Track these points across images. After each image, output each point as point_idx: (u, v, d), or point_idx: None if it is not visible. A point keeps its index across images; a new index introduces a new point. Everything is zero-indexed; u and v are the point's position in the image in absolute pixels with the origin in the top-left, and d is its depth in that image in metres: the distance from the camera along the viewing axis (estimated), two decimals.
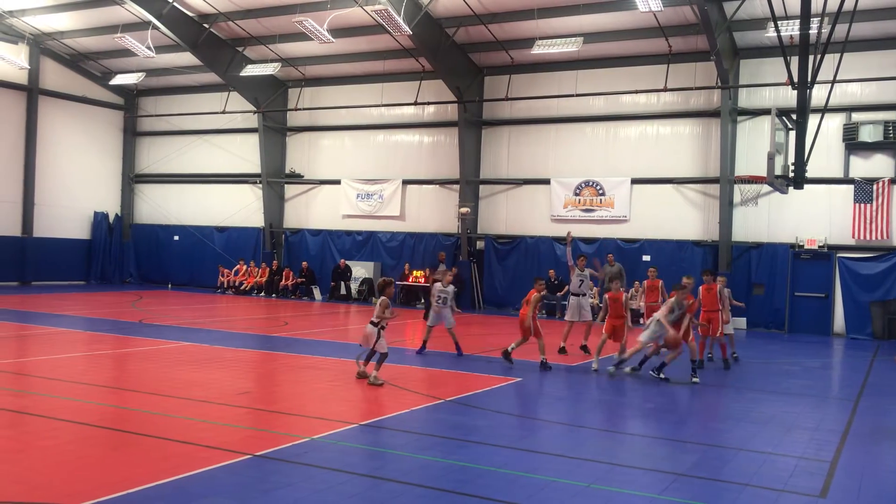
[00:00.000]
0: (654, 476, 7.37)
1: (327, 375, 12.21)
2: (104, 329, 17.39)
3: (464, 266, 26.72)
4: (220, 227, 32.13)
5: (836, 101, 20.61)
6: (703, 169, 23.89)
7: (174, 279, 32.59)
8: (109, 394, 10.36)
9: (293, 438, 8.01)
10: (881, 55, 21.51)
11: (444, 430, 8.79)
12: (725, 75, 22.31)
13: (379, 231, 28.95)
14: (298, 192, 31.15)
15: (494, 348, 16.29)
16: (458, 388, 11.62)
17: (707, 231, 23.81)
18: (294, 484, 6.55)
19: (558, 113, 25.95)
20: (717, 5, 20.95)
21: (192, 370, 12.12)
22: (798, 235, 22.57)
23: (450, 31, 24.68)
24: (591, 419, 9.89)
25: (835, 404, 11.74)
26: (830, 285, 22.31)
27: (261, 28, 26.72)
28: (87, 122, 32.54)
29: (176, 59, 29.28)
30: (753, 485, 7.09)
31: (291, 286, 29.31)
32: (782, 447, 8.64)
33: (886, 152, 21.74)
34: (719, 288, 14.75)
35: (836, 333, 22.17)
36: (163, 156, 33.55)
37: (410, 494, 6.44)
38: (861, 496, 6.97)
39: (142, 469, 6.77)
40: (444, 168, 27.69)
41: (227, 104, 30.12)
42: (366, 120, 29.40)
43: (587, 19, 22.80)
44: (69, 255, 31.77)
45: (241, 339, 16.73)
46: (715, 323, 14.49)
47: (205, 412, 9.16)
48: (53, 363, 12.37)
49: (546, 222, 26.15)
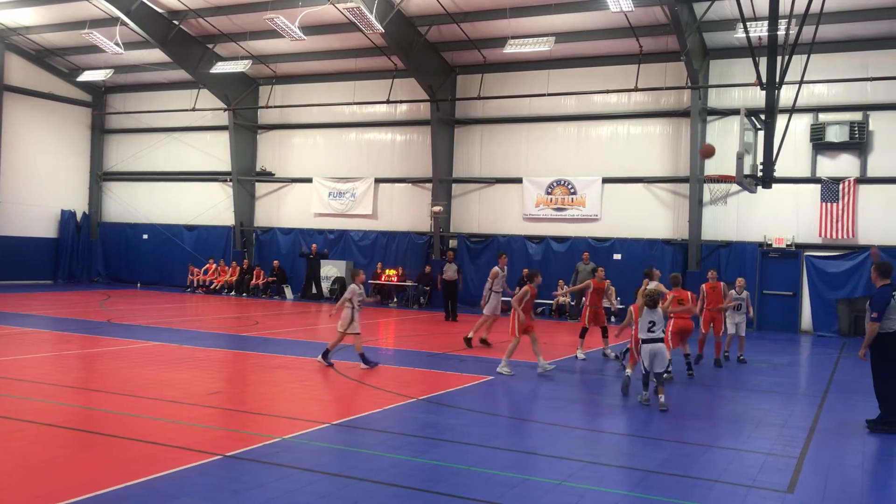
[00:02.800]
0: (625, 473, 7.43)
1: (299, 375, 12.15)
2: (71, 329, 17.15)
3: (437, 265, 26.71)
4: (190, 226, 31.83)
5: (803, 101, 20.89)
6: (673, 168, 24.11)
7: (143, 278, 32.23)
8: (77, 394, 10.23)
9: (264, 438, 7.95)
10: (847, 57, 21.85)
11: (416, 428, 8.79)
12: (695, 75, 22.53)
13: (351, 230, 28.86)
14: (269, 191, 30.95)
15: (467, 347, 16.31)
16: (430, 386, 11.62)
17: (677, 230, 24.03)
18: (265, 484, 6.50)
19: (530, 112, 26.04)
20: (687, 6, 21.15)
21: (162, 370, 12.00)
22: (766, 234, 22.86)
23: (422, 30, 24.66)
24: (562, 417, 9.94)
25: (802, 401, 11.90)
26: (798, 283, 22.62)
27: (231, 25, 26.50)
28: (54, 119, 32.06)
29: (145, 56, 28.93)
30: (723, 481, 7.17)
31: (262, 285, 29.12)
32: (751, 443, 8.74)
33: (852, 152, 22.08)
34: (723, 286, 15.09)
35: (804, 331, 22.49)
36: (131, 153, 33.15)
37: (383, 494, 6.42)
38: (827, 491, 7.08)
39: (111, 470, 6.69)
40: (417, 167, 27.67)
41: (197, 101, 29.83)
42: (338, 118, 29.29)
43: (559, 19, 22.90)
44: (36, 254, 31.28)
45: (212, 338, 16.58)
46: (718, 322, 14.80)
47: (174, 412, 9.07)
48: (19, 363, 12.17)
49: (518, 221, 26.23)
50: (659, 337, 10.38)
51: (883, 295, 9.58)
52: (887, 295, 9.57)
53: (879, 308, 9.48)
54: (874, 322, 9.47)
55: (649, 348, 10.33)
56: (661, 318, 10.50)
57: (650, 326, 10.34)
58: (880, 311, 9.47)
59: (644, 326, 10.41)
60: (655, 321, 10.37)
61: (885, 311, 9.47)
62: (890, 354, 9.53)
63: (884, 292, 9.62)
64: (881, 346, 9.56)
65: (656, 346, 10.31)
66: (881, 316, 9.46)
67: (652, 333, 10.33)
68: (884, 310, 9.47)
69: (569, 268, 23.64)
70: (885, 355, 9.58)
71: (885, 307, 9.48)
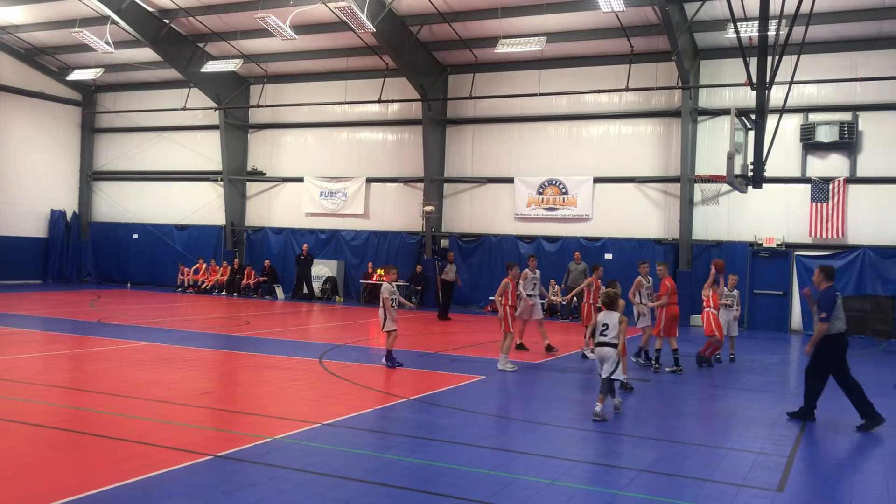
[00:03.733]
0: (616, 472, 7.44)
1: (290, 375, 12.13)
2: (61, 329, 17.08)
3: (428, 264, 26.74)
4: (181, 226, 31.74)
5: (793, 101, 21.03)
6: (664, 168, 24.17)
7: (133, 278, 32.12)
8: (67, 395, 10.18)
9: (255, 439, 7.94)
10: (836, 57, 21.96)
11: (407, 428, 8.78)
12: (686, 75, 22.60)
13: (342, 229, 28.83)
14: (260, 190, 30.89)
15: (458, 346, 16.34)
16: (421, 386, 11.62)
17: (668, 230, 24.09)
18: (257, 484, 6.49)
19: (522, 112, 26.07)
20: (678, 6, 21.21)
21: (152, 370, 11.96)
22: (756, 234, 22.94)
23: (413, 30, 24.65)
24: (553, 416, 9.95)
25: (792, 400, 11.93)
26: (788, 283, 22.71)
27: (222, 24, 26.43)
28: (44, 118, 31.91)
29: (135, 55, 28.83)
30: (713, 480, 7.20)
31: (253, 285, 29.06)
32: (741, 442, 8.78)
33: (842, 152, 22.18)
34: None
35: (794, 330, 22.58)
36: (122, 153, 33.04)
37: (374, 494, 6.42)
38: (817, 489, 7.11)
39: (101, 471, 6.67)
40: (409, 166, 27.66)
41: (188, 101, 29.75)
42: (329, 117, 29.25)
43: (550, 19, 22.93)
44: (25, 254, 31.14)
45: (203, 338, 16.54)
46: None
47: (165, 413, 9.04)
48: (9, 364, 12.11)
49: (510, 221, 26.26)
50: (610, 342, 9.84)
51: (830, 296, 9.81)
52: (833, 295, 9.81)
53: (828, 308, 9.72)
54: (823, 322, 9.72)
55: (600, 352, 9.95)
56: (616, 322, 9.92)
57: (603, 329, 9.92)
58: (829, 311, 9.70)
59: (598, 329, 10.01)
60: (609, 324, 9.91)
61: (832, 311, 9.71)
62: (832, 357, 9.83)
63: (830, 293, 9.85)
64: (825, 347, 9.84)
65: (606, 351, 9.84)
66: (829, 316, 9.69)
67: (604, 337, 9.88)
68: (832, 310, 9.71)
69: (560, 268, 23.72)
70: (826, 356, 9.87)
71: (833, 307, 9.72)
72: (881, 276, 21.51)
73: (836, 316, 9.73)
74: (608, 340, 9.83)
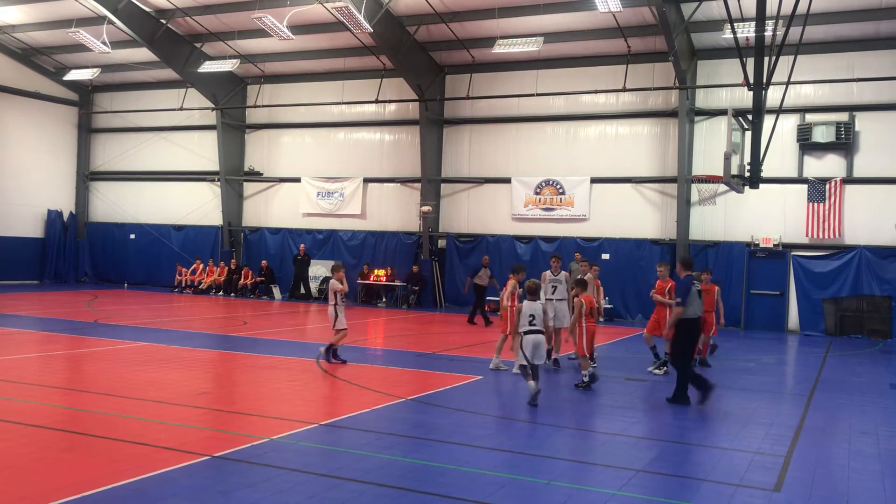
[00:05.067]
0: (614, 472, 7.44)
1: (287, 375, 12.12)
2: (58, 329, 17.05)
3: (425, 264, 26.74)
4: (178, 226, 31.70)
5: (790, 102, 21.04)
6: (661, 168, 24.19)
7: (130, 278, 32.08)
8: (64, 395, 10.17)
9: (253, 439, 7.93)
10: (833, 58, 21.99)
11: (405, 428, 8.78)
12: (683, 76, 22.62)
13: (340, 229, 28.81)
14: (258, 190, 30.86)
15: (456, 347, 16.33)
16: (419, 386, 11.62)
17: (665, 230, 24.11)
18: (254, 485, 6.48)
19: (519, 112, 26.08)
20: (674, 6, 21.23)
21: (149, 370, 11.94)
22: (753, 234, 22.97)
23: (411, 30, 24.65)
24: (551, 417, 9.95)
25: (789, 400, 11.97)
26: (785, 283, 22.74)
27: (219, 24, 26.41)
28: (41, 119, 31.87)
29: (132, 55, 28.80)
30: (711, 479, 7.20)
31: (250, 285, 29.04)
32: (738, 442, 8.78)
33: (838, 153, 22.22)
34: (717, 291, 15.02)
35: (791, 330, 22.61)
36: (119, 153, 33.00)
37: (371, 494, 6.41)
38: (814, 489, 7.12)
39: (98, 471, 6.66)
40: (406, 166, 27.65)
41: (185, 101, 29.73)
42: (326, 117, 29.23)
43: (547, 19, 22.94)
44: (22, 254, 31.08)
45: (200, 338, 16.52)
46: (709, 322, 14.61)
47: (162, 413, 9.03)
48: (6, 364, 12.09)
49: (507, 221, 26.26)
50: (540, 329, 10.47)
51: (685, 283, 10.88)
52: (689, 283, 10.87)
53: (683, 294, 10.76)
54: (679, 306, 10.75)
55: (531, 339, 10.34)
56: (541, 310, 10.63)
57: (531, 319, 10.45)
58: (684, 297, 10.72)
59: (526, 319, 10.48)
60: (535, 314, 10.48)
61: (687, 297, 10.71)
62: (690, 337, 10.88)
63: (686, 281, 10.92)
64: (684, 329, 10.82)
65: (537, 338, 10.37)
66: (685, 301, 10.70)
67: (533, 326, 10.43)
68: (686, 296, 10.71)
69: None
70: (685, 338, 10.82)
71: (688, 294, 10.74)
72: (877, 277, 21.54)
73: (690, 302, 10.73)
74: (538, 328, 10.47)
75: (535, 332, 10.39)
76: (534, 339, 10.31)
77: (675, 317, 10.89)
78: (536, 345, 10.31)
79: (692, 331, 10.89)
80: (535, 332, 10.39)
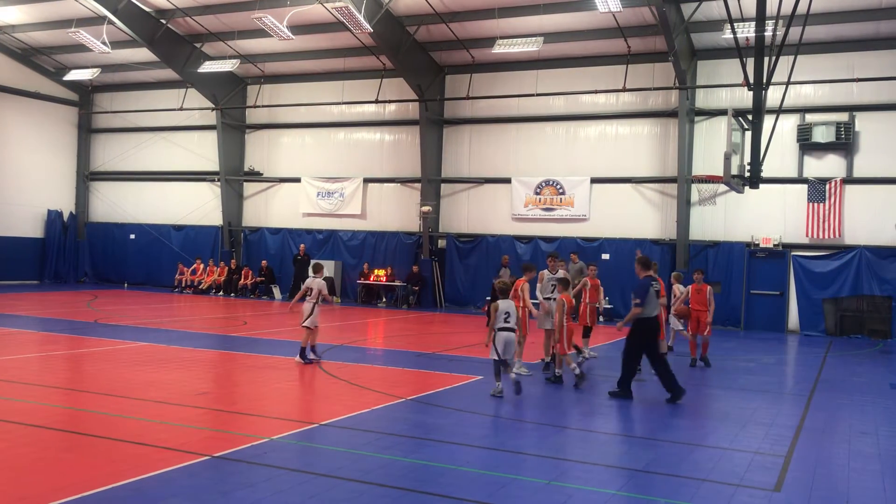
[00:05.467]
0: (614, 472, 7.44)
1: (287, 375, 12.12)
2: (58, 329, 17.05)
3: (425, 264, 26.74)
4: (178, 226, 31.70)
5: (790, 102, 21.04)
6: (661, 168, 24.18)
7: (130, 278, 32.07)
8: (64, 395, 10.17)
9: (252, 439, 7.93)
10: (833, 58, 21.99)
11: (405, 428, 8.78)
12: (683, 76, 22.61)
13: (340, 230, 28.81)
14: (258, 190, 30.86)
15: (456, 347, 16.33)
16: (419, 386, 11.62)
17: (665, 230, 24.11)
18: (254, 485, 6.48)
19: (519, 112, 26.07)
20: (674, 6, 21.23)
21: (149, 371, 11.94)
22: (753, 234, 22.96)
23: (411, 30, 24.64)
24: (550, 417, 9.96)
25: (789, 400, 11.97)
26: (785, 283, 22.73)
27: (219, 24, 26.40)
28: (41, 119, 31.86)
29: (132, 55, 28.80)
30: (710, 480, 7.20)
31: (250, 285, 29.04)
32: (738, 442, 8.78)
33: (838, 153, 22.21)
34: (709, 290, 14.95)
35: (791, 330, 22.60)
36: (119, 153, 32.99)
37: (371, 494, 6.41)
38: (814, 489, 7.11)
39: (97, 471, 6.66)
40: (406, 166, 27.65)
41: (185, 101, 29.73)
42: (326, 118, 29.23)
43: (547, 19, 22.94)
44: (22, 254, 31.07)
45: (200, 338, 16.52)
46: (703, 323, 14.70)
47: (162, 413, 9.03)
48: (5, 364, 12.09)
49: (507, 221, 26.26)
50: (512, 327, 10.87)
51: (644, 284, 11.14)
52: (647, 284, 11.12)
53: (641, 295, 11.01)
54: (637, 307, 10.99)
55: (503, 336, 10.78)
56: (514, 308, 11.05)
57: (506, 317, 10.85)
58: (642, 298, 10.98)
59: (501, 317, 10.85)
60: (510, 312, 10.90)
61: (646, 297, 10.97)
62: (645, 337, 11.11)
63: (644, 282, 11.18)
64: (639, 328, 11.14)
65: (509, 335, 10.82)
66: (643, 302, 10.96)
67: (507, 324, 10.82)
68: (645, 296, 10.97)
69: None
70: (640, 337, 11.13)
71: (646, 294, 10.99)
72: (878, 277, 21.54)
73: (648, 302, 10.97)
74: (511, 326, 10.87)
75: (508, 329, 10.83)
76: (505, 337, 10.78)
77: (631, 315, 11.13)
78: (508, 342, 10.81)
79: (648, 330, 11.14)
80: (508, 329, 10.83)
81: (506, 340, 10.79)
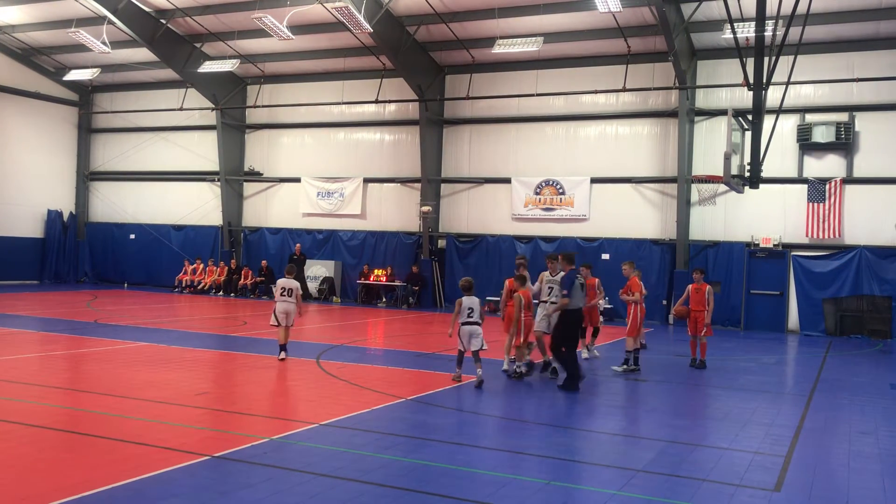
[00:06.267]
0: (613, 472, 7.44)
1: (287, 375, 12.12)
2: (58, 329, 17.05)
3: (425, 264, 26.74)
4: (178, 226, 31.70)
5: (790, 102, 21.05)
6: (661, 168, 24.18)
7: (130, 278, 32.08)
8: (64, 395, 10.16)
9: (252, 439, 7.93)
10: (833, 58, 21.99)
11: (404, 428, 8.78)
12: (683, 76, 22.62)
13: (340, 230, 28.81)
14: (258, 190, 30.86)
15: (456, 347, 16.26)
16: (419, 386, 11.62)
17: (665, 230, 24.11)
18: (254, 485, 6.48)
19: (519, 112, 26.08)
20: (674, 7, 21.23)
21: (149, 371, 11.94)
22: (753, 234, 22.96)
23: (411, 30, 24.65)
24: (550, 416, 9.96)
25: (789, 400, 11.97)
26: (785, 283, 22.73)
27: (219, 24, 26.40)
28: (41, 119, 31.87)
29: (132, 55, 28.80)
30: (710, 480, 7.20)
31: (250, 285, 29.04)
32: (738, 442, 8.78)
33: (838, 153, 22.22)
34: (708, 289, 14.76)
35: (791, 330, 22.60)
36: (119, 153, 32.99)
37: (371, 494, 6.41)
38: (814, 489, 7.11)
39: (97, 471, 6.66)
40: (406, 166, 27.65)
41: (185, 101, 29.73)
42: (326, 118, 29.23)
43: (547, 19, 22.94)
44: (22, 254, 31.07)
45: (199, 338, 16.52)
46: (700, 323, 14.53)
47: (162, 413, 9.03)
48: (5, 364, 12.08)
49: (507, 221, 26.26)
50: (476, 321, 11.71)
51: (570, 277, 11.89)
52: (573, 277, 11.90)
53: (568, 286, 11.78)
54: (565, 298, 11.74)
55: (468, 329, 11.66)
56: (478, 304, 11.82)
57: (469, 312, 11.71)
58: (569, 289, 11.74)
59: (465, 312, 11.71)
60: (473, 308, 11.74)
61: (572, 289, 11.73)
62: (571, 327, 11.87)
63: (570, 275, 11.95)
64: (566, 319, 11.81)
65: (473, 328, 11.67)
66: (570, 293, 11.71)
67: (470, 318, 11.70)
68: (571, 289, 11.74)
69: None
70: (568, 327, 11.80)
71: (572, 286, 11.75)
72: (877, 277, 21.54)
73: (574, 294, 11.75)
74: (475, 320, 11.72)
75: (472, 323, 11.69)
76: (470, 330, 11.66)
77: (560, 306, 11.77)
78: (472, 334, 11.64)
79: (574, 321, 11.90)
80: (472, 323, 11.69)
81: (470, 333, 11.64)
